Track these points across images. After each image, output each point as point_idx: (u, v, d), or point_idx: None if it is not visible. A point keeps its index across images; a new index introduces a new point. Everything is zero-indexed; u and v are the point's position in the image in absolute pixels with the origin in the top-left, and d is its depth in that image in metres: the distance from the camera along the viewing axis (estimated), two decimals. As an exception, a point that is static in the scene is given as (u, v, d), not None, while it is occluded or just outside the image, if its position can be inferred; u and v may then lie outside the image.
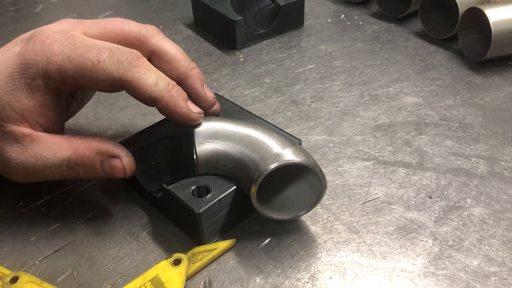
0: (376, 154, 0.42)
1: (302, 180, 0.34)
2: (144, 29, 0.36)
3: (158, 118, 0.39)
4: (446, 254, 0.33)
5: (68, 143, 0.34)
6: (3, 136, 0.33)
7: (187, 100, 0.34)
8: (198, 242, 0.34)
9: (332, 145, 0.43)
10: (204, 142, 0.34)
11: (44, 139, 0.33)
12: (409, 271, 0.32)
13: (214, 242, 0.34)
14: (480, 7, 0.51)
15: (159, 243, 0.35)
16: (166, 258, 0.32)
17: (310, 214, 0.36)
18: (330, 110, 0.48)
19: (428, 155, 0.42)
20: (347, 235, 0.35)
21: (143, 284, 0.31)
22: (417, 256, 0.33)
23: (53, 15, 0.70)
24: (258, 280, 0.32)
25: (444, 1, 0.59)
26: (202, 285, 0.32)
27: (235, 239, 0.34)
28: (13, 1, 0.74)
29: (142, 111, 0.48)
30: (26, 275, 0.30)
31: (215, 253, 0.33)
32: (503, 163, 0.41)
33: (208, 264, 0.33)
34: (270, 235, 0.35)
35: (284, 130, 0.40)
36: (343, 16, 0.66)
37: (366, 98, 0.49)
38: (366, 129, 0.45)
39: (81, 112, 0.47)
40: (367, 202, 0.37)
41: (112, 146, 0.34)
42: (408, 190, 0.38)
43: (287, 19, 0.61)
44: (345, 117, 0.47)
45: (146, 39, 0.36)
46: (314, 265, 0.33)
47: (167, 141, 0.39)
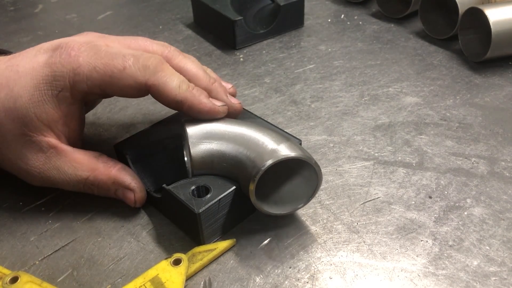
0: (376, 154, 0.42)
1: (297, 175, 0.34)
2: (166, 50, 0.37)
3: (158, 118, 0.39)
4: (446, 254, 0.33)
5: (90, 164, 0.35)
6: (29, 145, 0.34)
7: (208, 97, 0.36)
8: (198, 242, 0.34)
9: (332, 145, 0.43)
10: (199, 143, 0.34)
11: (67, 154, 0.35)
12: (409, 271, 0.32)
13: (214, 242, 0.34)
14: (480, 7, 0.51)
15: (159, 243, 0.35)
16: (166, 258, 0.32)
17: (310, 214, 0.36)
18: (330, 110, 0.48)
19: (428, 155, 0.42)
20: (347, 235, 0.35)
21: (143, 284, 0.31)
22: (417, 256, 0.33)
23: (53, 15, 0.70)
24: (258, 280, 0.32)
25: (444, 1, 0.59)
26: (202, 285, 0.32)
27: (235, 239, 0.34)
28: (13, 1, 0.74)
29: (142, 111, 0.48)
30: (26, 275, 0.30)
31: (215, 253, 0.33)
32: (503, 163, 0.41)
33: (208, 264, 0.33)
34: (270, 235, 0.35)
35: (284, 130, 0.40)
36: (343, 16, 0.66)
37: (366, 98, 0.49)
38: (366, 129, 0.45)
39: (81, 112, 0.47)
40: (367, 202, 0.37)
41: (130, 179, 0.36)
42: (408, 190, 0.38)
43: (287, 19, 0.61)
44: (345, 117, 0.47)
45: (169, 60, 0.37)
46: (314, 265, 0.33)
47: (166, 141, 0.40)
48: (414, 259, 0.33)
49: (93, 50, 0.34)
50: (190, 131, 0.34)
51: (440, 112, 0.47)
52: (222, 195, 0.33)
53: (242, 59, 0.57)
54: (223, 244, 0.34)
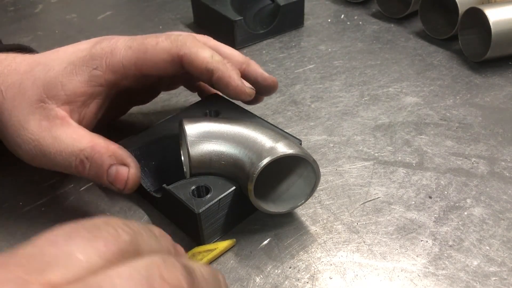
0: (376, 154, 0.42)
1: (295, 173, 0.34)
2: (197, 36, 0.39)
3: (158, 118, 0.39)
4: (446, 254, 0.33)
5: (91, 138, 0.35)
6: (38, 111, 0.34)
7: (240, 75, 0.36)
8: (198, 242, 0.34)
9: (332, 145, 0.43)
10: (197, 141, 0.34)
11: (71, 126, 0.34)
12: (409, 271, 0.32)
13: (214, 242, 0.34)
14: (480, 7, 0.51)
15: (159, 243, 0.35)
16: (166, 258, 0.32)
17: (310, 214, 0.36)
18: (330, 110, 0.48)
19: (428, 155, 0.42)
20: (347, 235, 0.35)
21: (143, 284, 0.30)
22: (417, 256, 0.33)
23: (53, 15, 0.70)
24: (258, 280, 0.32)
25: (444, 1, 0.59)
26: (202, 285, 0.32)
27: (235, 239, 0.34)
28: (13, 1, 0.74)
29: (142, 111, 0.48)
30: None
31: (215, 253, 0.33)
32: (503, 163, 0.41)
33: (208, 264, 0.33)
34: (270, 235, 0.35)
35: (284, 130, 0.40)
36: (343, 16, 0.66)
37: (366, 98, 0.49)
38: (366, 129, 0.45)
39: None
40: (367, 202, 0.37)
41: (127, 155, 0.35)
42: (408, 190, 0.38)
43: (287, 19, 0.61)
44: (345, 117, 0.47)
45: (204, 43, 0.38)
46: (314, 265, 0.33)
47: (167, 141, 0.40)
48: (414, 259, 0.33)
49: (130, 37, 0.36)
50: (189, 130, 0.34)
51: (440, 112, 0.47)
52: (222, 195, 0.33)
53: (242, 59, 0.57)
54: (223, 244, 0.34)
